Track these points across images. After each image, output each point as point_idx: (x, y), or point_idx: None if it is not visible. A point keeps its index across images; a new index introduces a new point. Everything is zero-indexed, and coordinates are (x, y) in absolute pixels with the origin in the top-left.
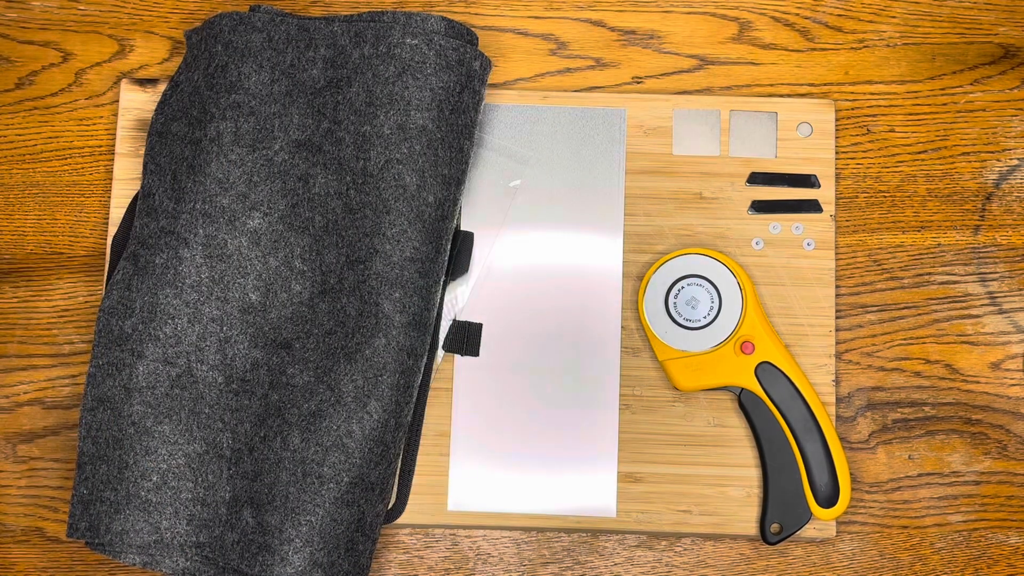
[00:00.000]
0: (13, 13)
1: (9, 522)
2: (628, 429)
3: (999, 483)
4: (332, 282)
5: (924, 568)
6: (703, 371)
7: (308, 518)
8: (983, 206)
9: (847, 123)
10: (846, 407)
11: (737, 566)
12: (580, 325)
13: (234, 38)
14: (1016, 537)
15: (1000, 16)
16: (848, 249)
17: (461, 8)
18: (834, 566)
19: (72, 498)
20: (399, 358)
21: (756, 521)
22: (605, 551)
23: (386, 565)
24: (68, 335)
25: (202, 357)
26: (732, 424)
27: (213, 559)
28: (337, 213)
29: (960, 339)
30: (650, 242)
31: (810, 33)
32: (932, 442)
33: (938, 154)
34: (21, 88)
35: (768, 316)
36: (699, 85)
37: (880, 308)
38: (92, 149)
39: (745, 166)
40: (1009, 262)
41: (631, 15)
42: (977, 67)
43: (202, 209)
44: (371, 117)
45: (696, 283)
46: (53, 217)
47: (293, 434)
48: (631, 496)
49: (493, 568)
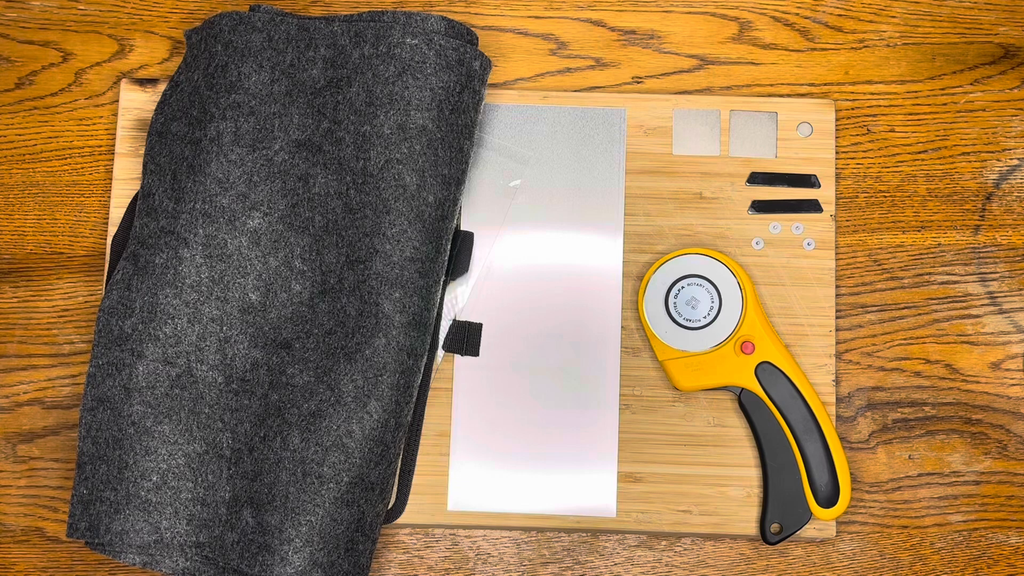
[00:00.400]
0: (13, 13)
1: (9, 522)
2: (628, 429)
3: (999, 483)
4: (332, 282)
5: (924, 568)
6: (703, 371)
7: (308, 518)
8: (983, 206)
9: (847, 123)
10: (846, 407)
11: (737, 566)
12: (580, 325)
13: (234, 38)
14: (1016, 537)
15: (1000, 16)
16: (848, 249)
17: (461, 8)
18: (834, 566)
19: (72, 498)
20: (399, 358)
21: (756, 521)
22: (605, 551)
23: (386, 565)
24: (68, 335)
25: (202, 357)
26: (732, 424)
27: (213, 559)
28: (337, 213)
29: (960, 339)
30: (650, 242)
31: (810, 33)
32: (932, 442)
33: (938, 154)
34: (21, 88)
35: (768, 316)
36: (699, 85)
37: (880, 308)
38: (92, 149)
39: (745, 166)
40: (1009, 262)
41: (631, 15)
42: (977, 67)
43: (202, 209)
44: (371, 117)
45: (696, 283)
46: (53, 217)
47: (293, 434)
48: (631, 496)
49: (493, 568)
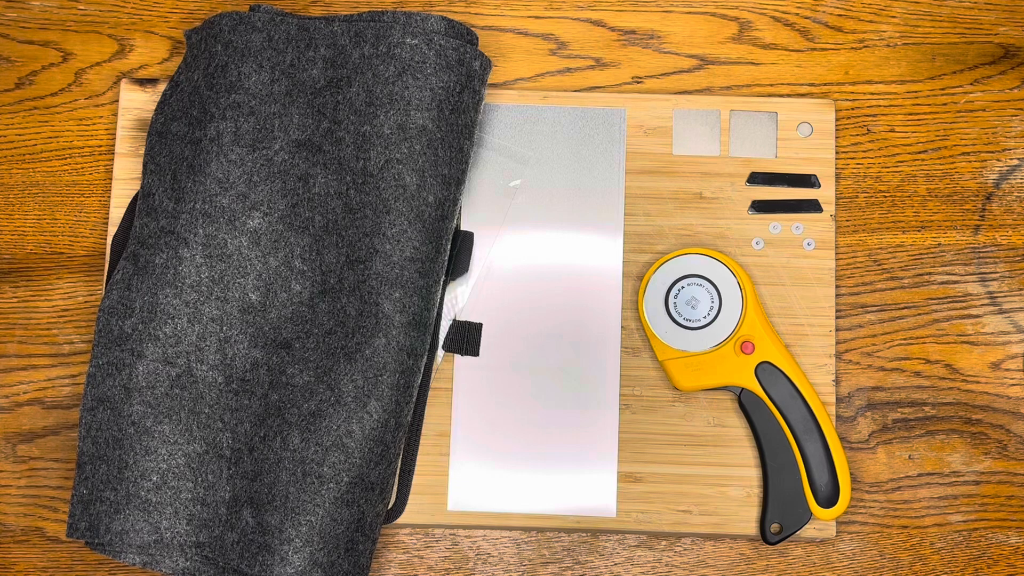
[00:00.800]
0: (13, 13)
1: (9, 522)
2: (628, 429)
3: (999, 483)
4: (332, 282)
5: (924, 568)
6: (703, 371)
7: (308, 518)
8: (983, 206)
9: (847, 123)
10: (846, 407)
11: (737, 566)
12: (580, 325)
13: (234, 38)
14: (1016, 537)
15: (1000, 16)
16: (848, 249)
17: (461, 8)
18: (834, 566)
19: (72, 498)
20: (399, 358)
21: (756, 521)
22: (605, 551)
23: (386, 565)
24: (68, 335)
25: (202, 357)
26: (732, 424)
27: (213, 559)
28: (337, 213)
29: (960, 339)
30: (650, 242)
31: (810, 33)
32: (932, 442)
33: (938, 154)
34: (21, 88)
35: (768, 316)
36: (699, 85)
37: (880, 308)
38: (92, 149)
39: (745, 166)
40: (1009, 262)
41: (631, 15)
42: (977, 67)
43: (202, 209)
44: (371, 117)
45: (696, 283)
46: (53, 217)
47: (293, 434)
48: (631, 496)
49: (493, 568)
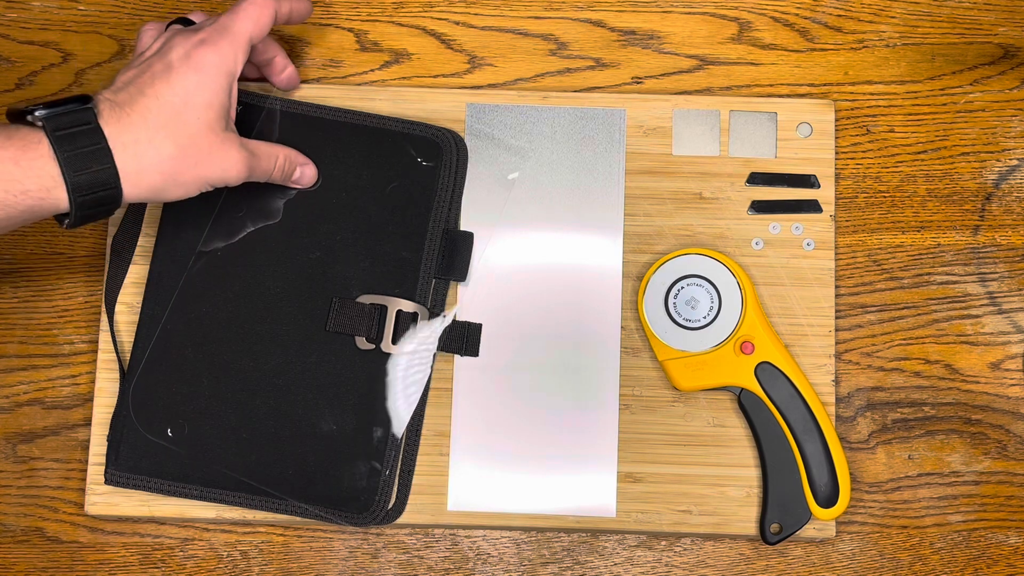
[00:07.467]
0: (13, 13)
1: (9, 522)
2: (628, 429)
3: (999, 483)
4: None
5: (924, 568)
6: (703, 371)
7: None
8: (983, 206)
9: (847, 123)
10: (846, 407)
11: (737, 566)
12: (580, 325)
13: None
14: (1016, 537)
15: (1000, 16)
16: (848, 249)
17: (461, 8)
18: (834, 566)
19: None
20: None
21: (756, 521)
22: (605, 551)
23: (386, 565)
24: (68, 335)
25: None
26: (732, 424)
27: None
28: None
29: (960, 339)
30: (650, 242)
31: (810, 33)
32: (932, 442)
33: (938, 154)
34: (21, 88)
35: (768, 316)
36: (699, 85)
37: (880, 308)
38: None
39: (745, 166)
40: (1009, 262)
41: (631, 15)
42: (977, 67)
43: None
44: None
45: (696, 283)
46: None
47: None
48: (631, 496)
49: (493, 568)
